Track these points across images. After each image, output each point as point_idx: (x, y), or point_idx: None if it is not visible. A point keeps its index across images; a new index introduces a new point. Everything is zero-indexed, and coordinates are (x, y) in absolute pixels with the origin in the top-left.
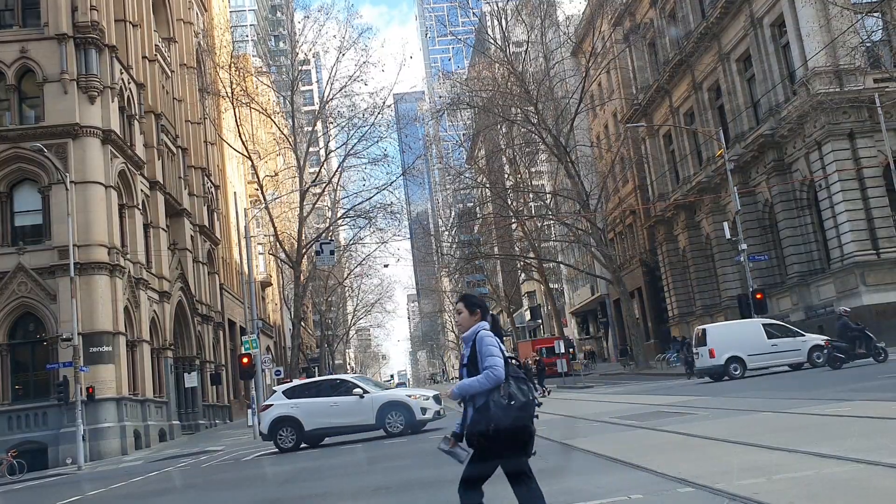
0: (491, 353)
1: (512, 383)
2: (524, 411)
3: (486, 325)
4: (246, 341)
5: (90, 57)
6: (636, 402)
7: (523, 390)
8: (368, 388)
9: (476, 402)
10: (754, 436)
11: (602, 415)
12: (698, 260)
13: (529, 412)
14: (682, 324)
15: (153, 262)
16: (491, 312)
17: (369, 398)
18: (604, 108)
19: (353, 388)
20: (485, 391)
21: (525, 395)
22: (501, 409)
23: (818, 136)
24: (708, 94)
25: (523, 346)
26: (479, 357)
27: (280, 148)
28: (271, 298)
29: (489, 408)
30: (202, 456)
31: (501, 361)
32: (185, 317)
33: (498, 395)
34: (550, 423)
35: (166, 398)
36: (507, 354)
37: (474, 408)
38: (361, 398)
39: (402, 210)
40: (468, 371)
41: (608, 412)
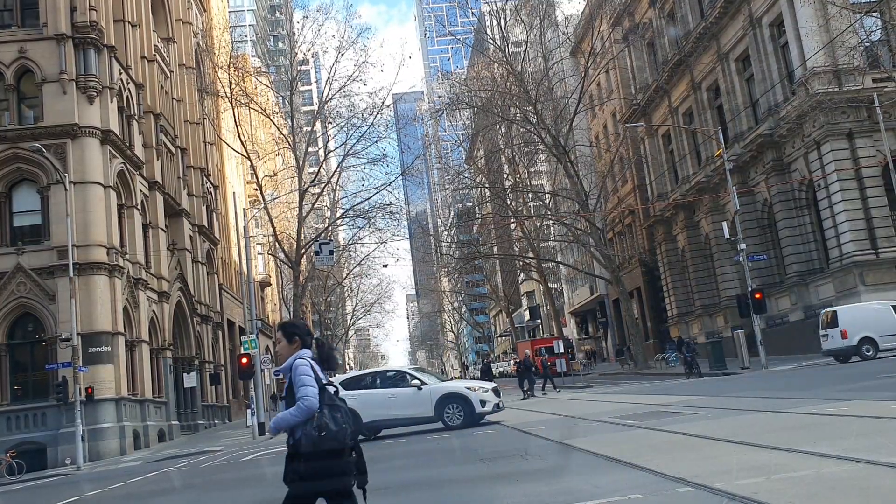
0: (303, 382)
1: (326, 412)
2: (337, 441)
3: (307, 352)
4: (245, 341)
5: (89, 57)
6: (635, 401)
7: (336, 419)
8: (426, 380)
9: (294, 435)
10: (753, 435)
11: (601, 415)
12: (697, 260)
13: (343, 441)
14: (682, 324)
15: (152, 262)
16: (316, 337)
17: (427, 390)
18: (603, 108)
19: (411, 380)
20: (300, 423)
21: (338, 423)
22: (311, 441)
23: (817, 135)
24: (707, 94)
25: (522, 346)
26: (294, 387)
27: (279, 148)
28: (270, 298)
29: (301, 442)
30: (201, 456)
31: (314, 391)
32: (184, 317)
33: (310, 426)
34: (549, 423)
35: (165, 398)
36: (325, 381)
37: (288, 446)
38: (419, 390)
39: (401, 210)
40: (286, 403)
41: (607, 412)
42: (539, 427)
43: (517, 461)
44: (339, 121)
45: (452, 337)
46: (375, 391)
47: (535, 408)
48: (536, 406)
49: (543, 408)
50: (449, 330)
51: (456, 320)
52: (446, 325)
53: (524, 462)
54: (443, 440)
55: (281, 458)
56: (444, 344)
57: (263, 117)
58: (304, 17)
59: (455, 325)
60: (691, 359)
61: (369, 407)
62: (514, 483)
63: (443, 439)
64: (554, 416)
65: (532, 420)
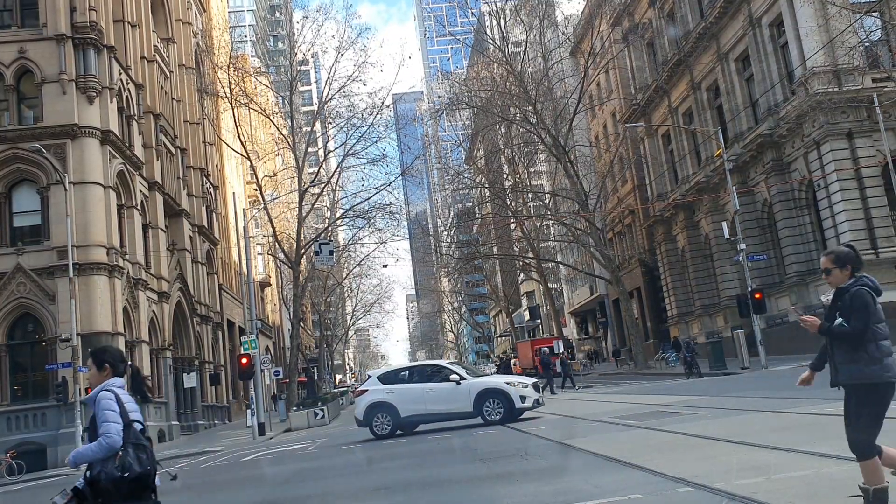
0: (106, 418)
1: (130, 452)
2: (140, 483)
3: (118, 381)
4: (245, 342)
5: (89, 57)
6: (635, 402)
7: (142, 460)
8: (465, 375)
9: (92, 471)
10: (753, 435)
11: (601, 415)
12: (697, 260)
13: (146, 485)
14: (681, 324)
15: (152, 262)
16: (130, 364)
17: (466, 385)
18: (602, 108)
19: (450, 375)
20: (99, 459)
21: (143, 465)
22: (112, 481)
23: (817, 135)
24: (707, 94)
25: (522, 346)
26: (97, 422)
27: (279, 148)
28: (270, 299)
29: (100, 479)
30: (201, 456)
31: (118, 427)
32: (183, 317)
33: (112, 464)
34: (550, 422)
35: (165, 398)
36: (133, 417)
37: (86, 478)
38: (458, 385)
39: (401, 210)
40: (89, 436)
41: (607, 412)
42: (539, 427)
43: (517, 461)
44: (339, 121)
45: (452, 337)
46: (413, 386)
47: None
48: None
49: (544, 408)
50: (449, 330)
51: (456, 320)
52: (446, 326)
53: (524, 462)
54: (443, 440)
55: (283, 458)
56: (444, 344)
57: (263, 118)
58: (303, 17)
59: (455, 325)
60: (691, 359)
61: (407, 402)
62: (514, 483)
63: (443, 439)
64: (554, 416)
65: (532, 420)
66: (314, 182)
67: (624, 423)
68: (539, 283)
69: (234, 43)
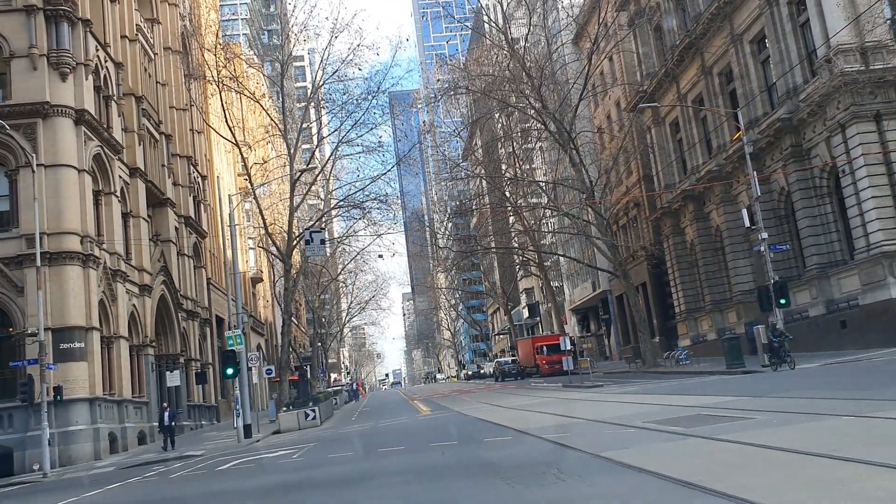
0: None
1: None
2: None
3: None
4: (230, 336)
5: (62, 31)
6: (665, 403)
7: None
8: None
9: None
10: (859, 449)
11: (632, 418)
12: (707, 253)
13: None
14: (690, 320)
15: (133, 253)
16: None
17: None
18: (608, 96)
19: None
20: None
21: None
22: None
23: (842, 118)
24: (718, 79)
25: (523, 344)
26: None
27: (270, 136)
28: (262, 295)
29: None
30: (177, 463)
31: None
32: (168, 312)
33: None
34: (572, 428)
35: (147, 398)
36: None
37: None
38: None
39: (397, 200)
40: None
41: (637, 415)
42: (562, 434)
43: (552, 483)
44: (333, 108)
45: (449, 335)
46: None
47: (548, 409)
48: (548, 407)
49: (557, 409)
50: (445, 328)
51: (453, 318)
52: (443, 324)
53: (562, 485)
54: (448, 448)
55: (261, 468)
56: (441, 342)
57: (254, 105)
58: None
59: (451, 323)
60: (779, 345)
61: None
62: None
63: (448, 447)
64: (574, 419)
65: (549, 424)
66: (307, 168)
67: (665, 429)
68: (539, 278)
69: (227, 35)
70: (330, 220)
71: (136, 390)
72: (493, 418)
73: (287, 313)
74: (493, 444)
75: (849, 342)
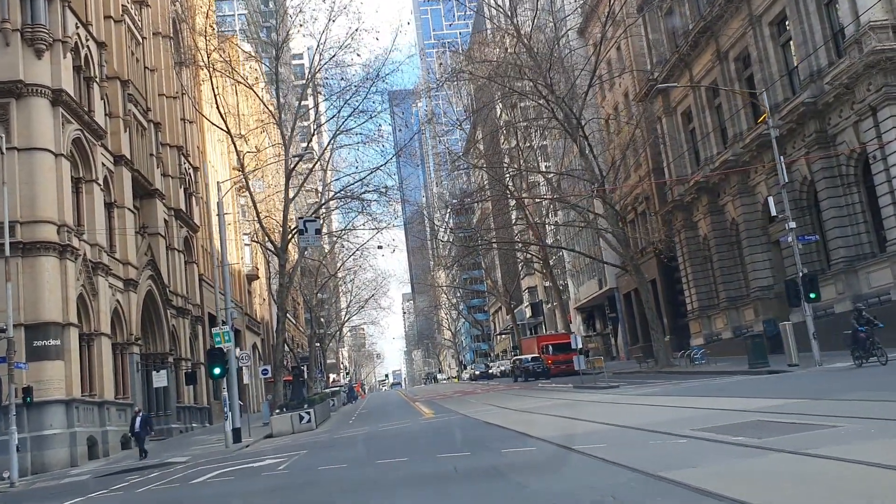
0: None
1: None
2: None
3: None
4: (216, 333)
5: (37, 4)
6: (704, 406)
7: None
8: None
9: None
10: None
11: (675, 425)
12: (722, 248)
13: None
14: (703, 318)
15: (117, 246)
16: None
17: None
18: (617, 85)
19: None
20: None
21: None
22: None
23: (873, 100)
24: (735, 65)
25: (528, 343)
26: None
27: (264, 125)
28: (259, 293)
29: None
30: (155, 472)
31: None
32: (156, 309)
33: None
34: (607, 436)
35: (132, 399)
36: None
37: None
38: None
39: (397, 191)
40: None
41: (680, 421)
42: (597, 444)
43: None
44: (331, 94)
45: (450, 335)
46: None
47: (567, 412)
48: (566, 410)
49: (577, 412)
50: (446, 328)
51: (453, 318)
52: (443, 324)
53: None
54: (461, 460)
55: (242, 481)
56: (442, 342)
57: (248, 93)
58: None
59: (452, 323)
60: (867, 336)
61: None
62: None
63: (460, 459)
64: (603, 425)
65: (576, 431)
66: (303, 157)
67: (728, 440)
68: (545, 274)
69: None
70: (328, 213)
71: (120, 391)
72: (506, 423)
73: (282, 310)
74: (515, 456)
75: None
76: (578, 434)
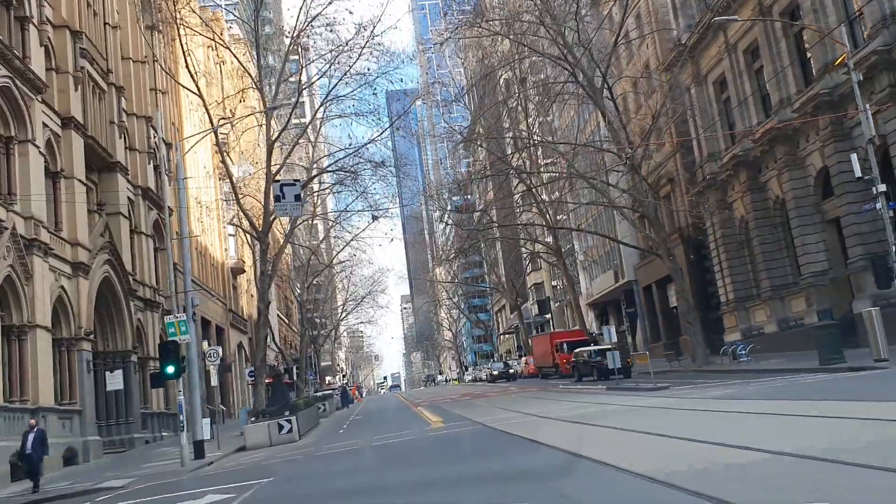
0: None
1: None
2: None
3: None
4: (171, 323)
5: None
6: (860, 416)
7: None
8: None
9: None
10: None
11: (839, 451)
12: (764, 230)
13: None
14: (740, 311)
15: (64, 223)
16: None
17: None
18: (636, 60)
19: None
20: None
21: None
22: None
23: None
24: (779, 24)
25: (539, 341)
26: None
27: (243, 93)
28: (246, 288)
29: None
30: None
31: None
32: (115, 299)
33: None
34: (755, 471)
35: (80, 405)
36: None
37: None
38: None
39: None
40: None
41: (840, 446)
42: (724, 485)
43: None
44: (319, 59)
45: (450, 336)
46: None
47: (648, 425)
48: (619, 420)
49: (659, 424)
50: (446, 329)
51: (454, 318)
52: (443, 324)
53: None
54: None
55: None
56: (442, 343)
57: (227, 57)
58: None
59: (453, 323)
60: None
61: None
62: None
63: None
64: (753, 451)
65: (718, 461)
66: (279, 108)
67: None
68: (556, 265)
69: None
70: (321, 193)
71: (66, 395)
72: (547, 438)
73: (263, 302)
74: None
75: None
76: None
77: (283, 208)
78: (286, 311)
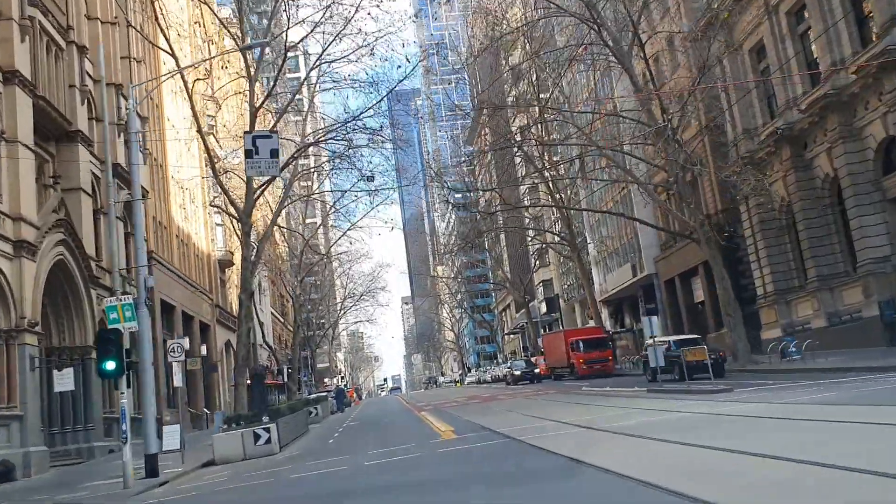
0: None
1: None
2: None
3: None
4: (111, 307)
5: None
6: None
7: None
8: None
9: None
10: None
11: None
12: (811, 212)
13: None
14: (780, 304)
15: (5, 194)
16: None
17: None
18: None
19: None
20: None
21: None
22: None
23: None
24: None
25: (551, 340)
26: None
27: (224, 61)
28: (235, 282)
29: None
30: None
31: None
32: (72, 287)
33: None
34: None
35: (21, 410)
36: None
37: None
38: None
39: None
40: None
41: None
42: None
43: None
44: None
45: (452, 337)
46: None
47: (713, 440)
48: (697, 436)
49: (773, 439)
50: (448, 329)
51: (456, 318)
52: (445, 324)
53: None
54: None
55: None
56: (444, 344)
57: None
58: None
59: (455, 323)
60: None
61: None
62: None
63: None
64: None
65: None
66: (256, 46)
67: None
68: (569, 259)
69: None
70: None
71: (2, 399)
72: (616, 463)
73: (245, 292)
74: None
75: None
76: None
77: (257, 166)
78: (281, 310)
